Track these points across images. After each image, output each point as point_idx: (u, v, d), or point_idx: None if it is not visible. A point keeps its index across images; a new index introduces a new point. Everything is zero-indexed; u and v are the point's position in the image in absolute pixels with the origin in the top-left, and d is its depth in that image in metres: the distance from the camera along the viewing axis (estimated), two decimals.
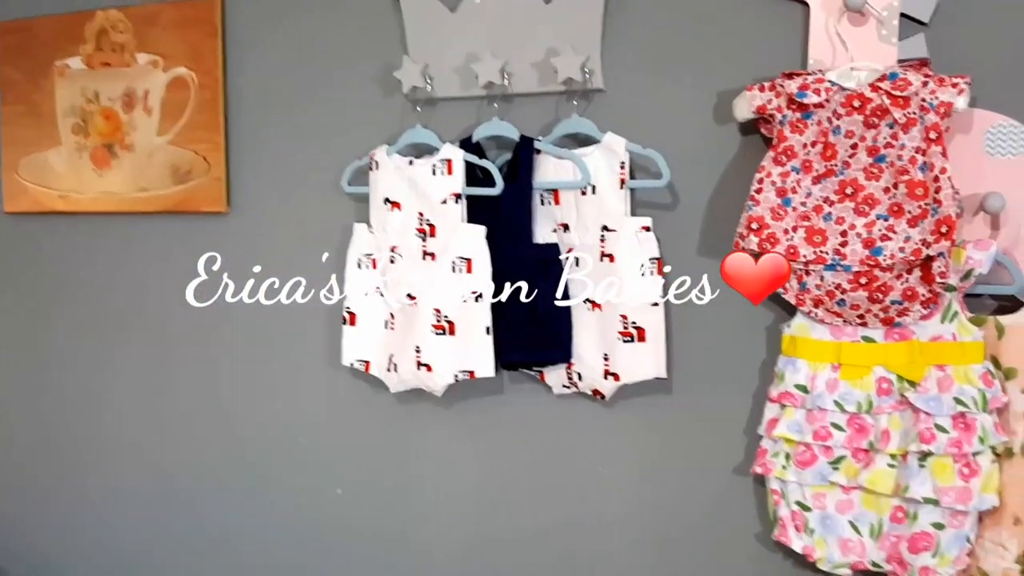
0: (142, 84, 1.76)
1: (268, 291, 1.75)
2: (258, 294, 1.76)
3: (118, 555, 1.94)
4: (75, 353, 1.93)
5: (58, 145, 1.85)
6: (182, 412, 1.86)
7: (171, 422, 1.87)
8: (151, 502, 1.90)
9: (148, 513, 1.90)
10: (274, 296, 1.75)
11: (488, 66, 1.49)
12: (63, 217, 1.89)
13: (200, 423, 1.84)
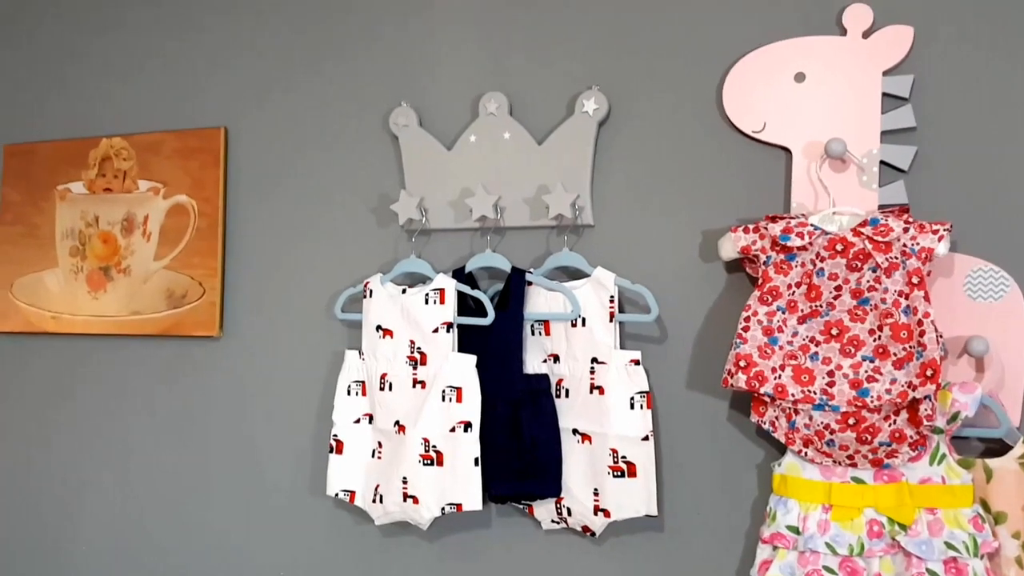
0: (142, 210, 1.80)
1: (255, 416, 1.74)
2: (245, 419, 1.75)
3: None
4: (60, 472, 1.89)
5: (54, 266, 1.87)
6: (163, 539, 1.80)
7: (150, 550, 1.81)
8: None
9: None
10: (260, 421, 1.73)
11: (482, 201, 1.53)
12: (54, 338, 1.89)
13: (180, 553, 1.79)
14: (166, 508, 1.80)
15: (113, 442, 1.85)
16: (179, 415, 1.79)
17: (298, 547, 1.70)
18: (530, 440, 1.47)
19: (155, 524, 1.81)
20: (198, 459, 1.78)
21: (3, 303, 1.91)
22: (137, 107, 1.84)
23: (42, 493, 1.90)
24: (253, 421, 1.74)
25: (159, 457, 1.81)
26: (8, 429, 1.93)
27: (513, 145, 1.56)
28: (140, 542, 1.82)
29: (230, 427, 1.76)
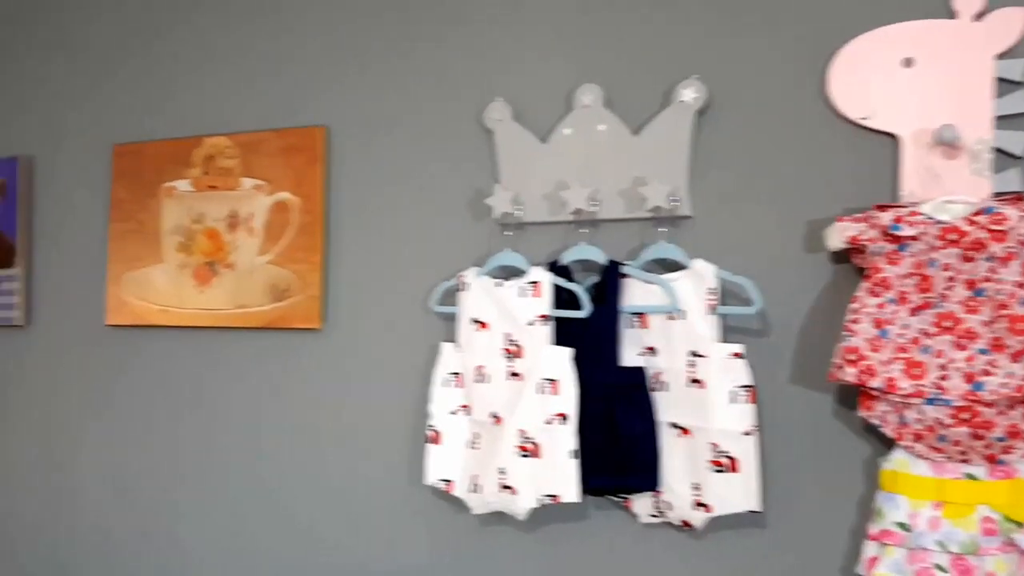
0: (246, 207, 1.86)
1: (355, 406, 1.78)
2: (345, 409, 1.79)
3: None
4: (163, 460, 1.97)
5: (161, 262, 1.95)
6: (261, 528, 1.87)
7: (249, 538, 1.88)
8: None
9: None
10: (360, 411, 1.78)
11: (577, 194, 1.54)
12: (161, 330, 1.97)
13: (279, 541, 1.85)
14: (266, 497, 1.86)
15: (215, 432, 1.92)
16: (282, 406, 1.85)
17: (396, 535, 1.74)
18: (628, 433, 1.47)
19: (255, 513, 1.87)
20: (299, 448, 1.83)
21: (113, 297, 2.00)
22: (240, 107, 1.91)
23: (143, 479, 1.98)
24: (353, 411, 1.79)
25: (261, 446, 1.87)
26: (116, 417, 2.02)
27: (608, 137, 1.55)
28: (239, 530, 1.88)
29: (330, 417, 1.80)
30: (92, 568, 2.04)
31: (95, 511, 2.04)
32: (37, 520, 2.11)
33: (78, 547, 2.05)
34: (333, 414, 1.80)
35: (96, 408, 2.05)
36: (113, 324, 2.01)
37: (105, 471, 2.03)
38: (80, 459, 2.06)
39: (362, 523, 1.77)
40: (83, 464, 2.06)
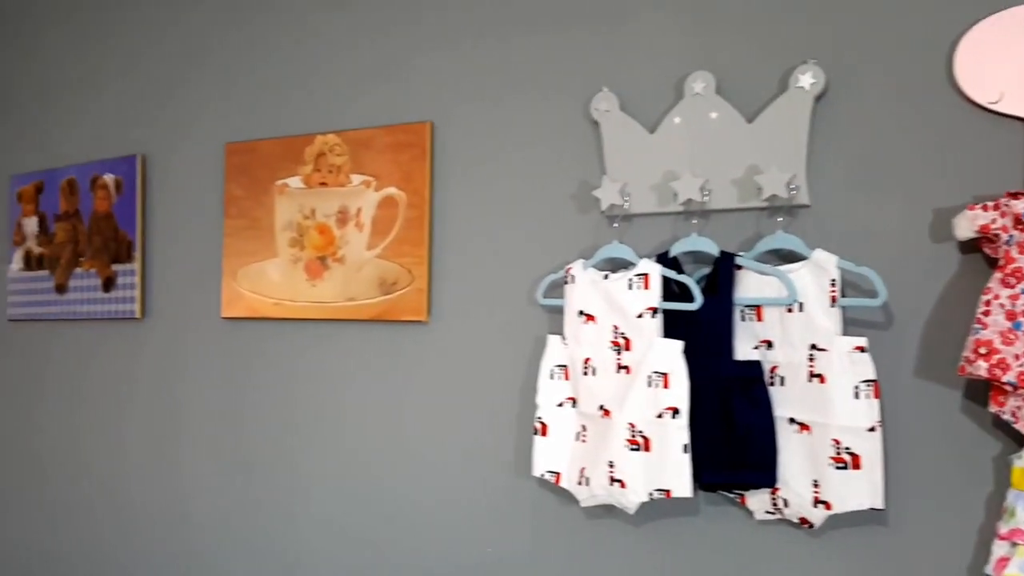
0: (355, 202, 1.90)
1: (461, 397, 1.80)
2: (452, 400, 1.81)
3: None
4: (275, 449, 2.03)
5: (275, 256, 2.01)
6: (371, 517, 1.90)
7: (359, 527, 1.92)
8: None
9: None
10: (466, 402, 1.79)
11: (688, 184, 1.52)
12: (275, 323, 2.04)
13: (388, 530, 1.88)
14: (375, 487, 1.90)
15: (327, 421, 1.97)
16: (389, 396, 1.89)
17: (503, 526, 1.75)
18: (743, 428, 1.44)
19: (364, 503, 1.91)
20: (405, 438, 1.86)
21: (229, 291, 2.07)
22: (350, 105, 1.95)
23: (258, 468, 2.05)
24: (458, 402, 1.81)
25: (369, 436, 1.91)
26: (231, 406, 2.09)
27: (721, 125, 1.52)
28: (349, 520, 1.93)
29: (436, 408, 1.83)
30: (208, 551, 2.12)
31: (211, 497, 2.12)
32: (153, 505, 2.21)
33: (194, 532, 2.14)
34: (439, 405, 1.83)
35: (211, 398, 2.13)
36: (229, 317, 2.08)
37: (220, 458, 2.11)
38: (195, 446, 2.15)
39: (468, 514, 1.79)
40: (198, 451, 2.14)
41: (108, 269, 2.27)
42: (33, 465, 2.47)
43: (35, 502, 2.46)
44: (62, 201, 2.39)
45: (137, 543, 2.24)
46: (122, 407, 2.28)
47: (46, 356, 2.45)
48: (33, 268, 2.46)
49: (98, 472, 2.32)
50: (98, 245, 2.30)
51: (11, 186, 2.53)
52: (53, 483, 2.42)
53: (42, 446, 2.45)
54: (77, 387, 2.38)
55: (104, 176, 2.29)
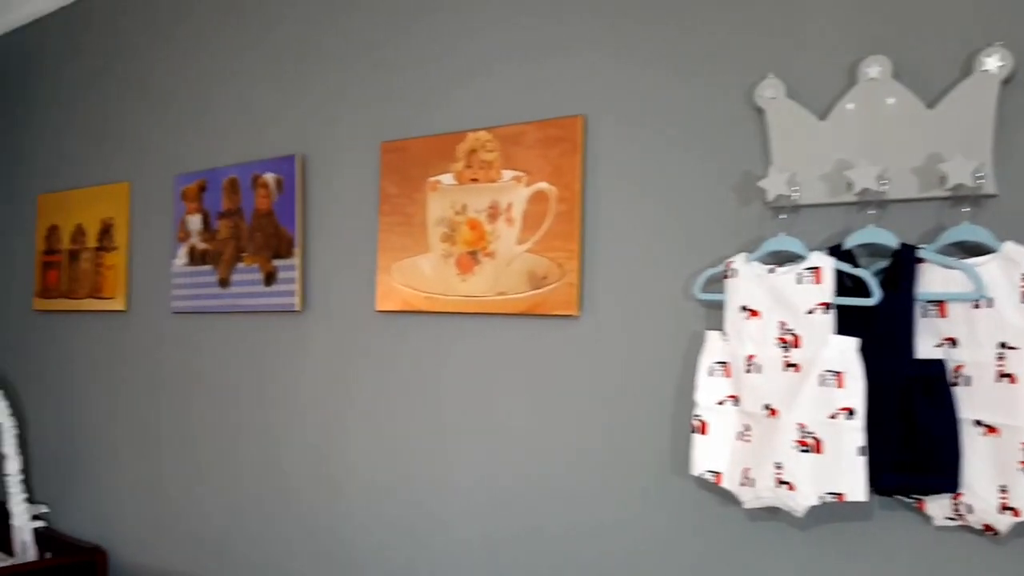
0: (506, 197, 1.92)
1: (614, 393, 1.78)
2: (605, 396, 1.80)
3: None
4: (424, 442, 2.08)
5: (427, 252, 2.05)
6: (528, 515, 1.92)
7: (513, 524, 1.93)
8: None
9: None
10: (620, 398, 1.78)
11: (864, 173, 1.44)
12: (428, 316, 2.08)
13: (544, 528, 1.89)
14: (524, 483, 1.91)
15: (477, 412, 1.99)
16: (540, 390, 1.89)
17: (658, 527, 1.72)
18: (925, 430, 1.36)
19: (512, 501, 1.92)
20: (557, 433, 1.86)
21: (384, 285, 2.13)
22: (500, 101, 1.96)
23: (414, 457, 2.10)
24: (611, 398, 1.79)
25: (519, 429, 1.92)
26: (386, 396, 2.15)
27: (898, 111, 1.44)
28: (503, 516, 1.94)
29: (588, 403, 1.82)
30: (365, 538, 2.19)
31: (366, 482, 2.19)
32: (310, 492, 2.30)
33: (349, 517, 2.22)
34: (591, 400, 1.82)
35: (367, 387, 2.19)
36: (383, 310, 2.14)
37: (376, 447, 2.17)
38: (351, 433, 2.22)
39: (621, 513, 1.77)
40: (354, 437, 2.22)
41: (269, 264, 2.38)
42: (195, 452, 2.61)
43: (194, 489, 2.60)
44: (224, 199, 2.51)
45: (295, 528, 2.34)
46: (284, 395, 2.38)
47: (210, 347, 2.59)
48: (197, 263, 2.60)
49: (259, 458, 2.44)
50: (259, 241, 2.40)
51: (175, 185, 2.68)
52: (216, 469, 2.56)
53: (203, 433, 2.59)
54: (239, 376, 2.50)
55: (264, 175, 2.40)
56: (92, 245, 2.99)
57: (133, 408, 2.83)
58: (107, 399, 2.93)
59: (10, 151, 3.44)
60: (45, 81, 3.27)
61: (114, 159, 2.94)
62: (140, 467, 2.80)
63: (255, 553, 2.44)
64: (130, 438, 2.84)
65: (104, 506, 2.92)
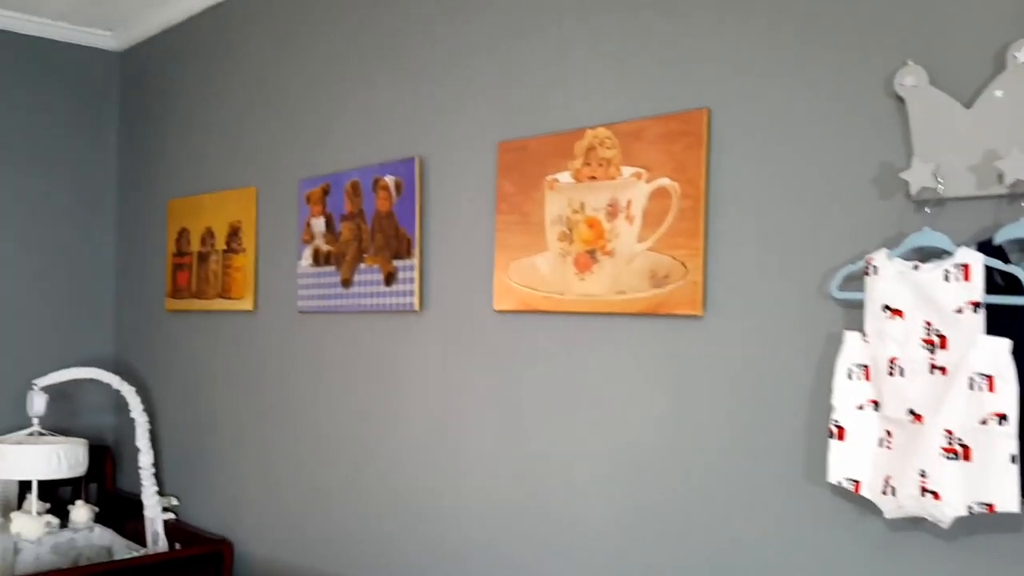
0: (625, 195, 1.89)
1: (742, 396, 1.73)
2: (732, 399, 1.74)
3: None
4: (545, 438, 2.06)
5: (544, 251, 2.04)
6: (653, 522, 1.88)
7: (631, 532, 1.90)
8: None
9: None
10: (748, 401, 1.72)
11: (1016, 163, 1.35)
12: (545, 316, 2.07)
13: (657, 536, 1.85)
14: (653, 490, 1.87)
15: (597, 413, 1.96)
16: (663, 391, 1.85)
17: (794, 537, 1.65)
18: None
19: (642, 505, 1.89)
20: (681, 437, 1.82)
21: (501, 284, 2.13)
22: (620, 97, 1.93)
23: (528, 455, 2.09)
24: (738, 401, 1.73)
25: (641, 433, 1.88)
26: (505, 397, 2.15)
27: None
28: (620, 525, 1.91)
29: (716, 406, 1.77)
30: (481, 539, 2.20)
31: (485, 480, 2.19)
32: (429, 489, 2.32)
33: (469, 516, 2.23)
34: (717, 403, 1.76)
35: (485, 386, 2.20)
36: (501, 309, 2.14)
37: (493, 448, 2.18)
38: (469, 431, 2.23)
39: (753, 523, 1.71)
40: (473, 436, 2.23)
41: (389, 264, 2.42)
42: (319, 448, 2.69)
43: (317, 484, 2.67)
44: (347, 202, 2.58)
45: (414, 525, 2.37)
46: (403, 393, 2.42)
47: (333, 346, 2.66)
48: (321, 264, 2.67)
49: (379, 455, 2.48)
50: (380, 242, 2.45)
51: (300, 189, 2.77)
52: (338, 465, 2.62)
53: (327, 430, 2.66)
54: (361, 375, 2.56)
55: (385, 178, 2.44)
56: (220, 247, 3.12)
57: (259, 405, 2.93)
58: (234, 396, 3.05)
59: (143, 158, 3.63)
60: (175, 89, 3.44)
61: (241, 164, 3.07)
62: (266, 462, 2.90)
63: (373, 550, 2.49)
64: (256, 434, 2.94)
65: (231, 500, 3.04)
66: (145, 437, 3.19)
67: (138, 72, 3.70)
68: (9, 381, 3.47)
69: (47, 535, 3.08)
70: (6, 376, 3.48)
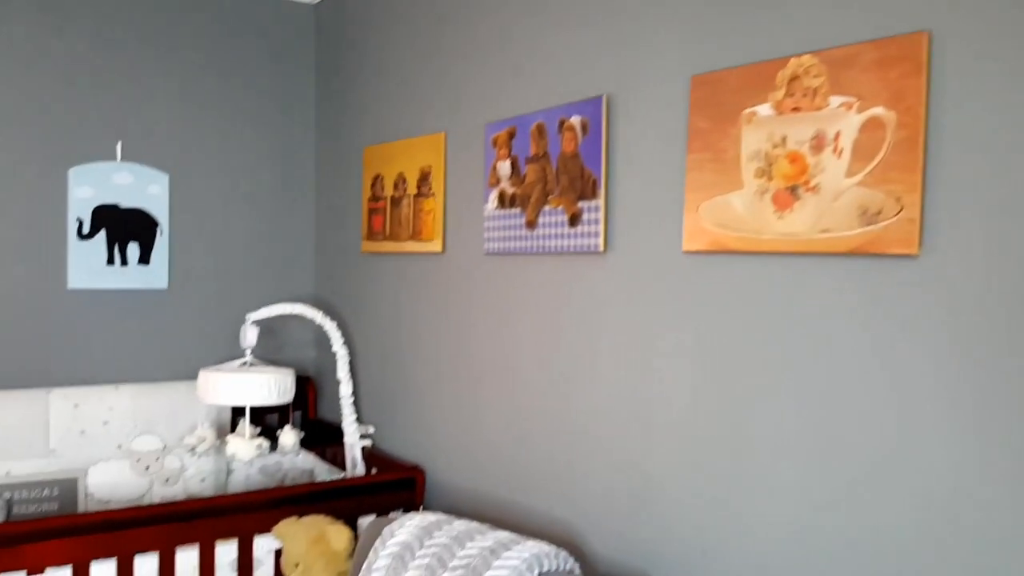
0: (833, 126, 1.77)
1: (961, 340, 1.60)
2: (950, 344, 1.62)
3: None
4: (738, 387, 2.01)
5: (739, 188, 1.96)
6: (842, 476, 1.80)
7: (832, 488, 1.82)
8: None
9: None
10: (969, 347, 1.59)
11: None
12: (738, 256, 2.00)
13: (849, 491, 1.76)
14: (852, 445, 1.78)
15: (799, 365, 1.88)
16: (872, 337, 1.74)
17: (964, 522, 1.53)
18: None
19: (840, 462, 1.80)
20: (887, 384, 1.71)
21: (691, 224, 2.08)
22: (826, 21, 1.80)
23: (709, 410, 2.04)
24: (961, 347, 1.60)
25: (846, 383, 1.79)
26: (691, 340, 2.11)
27: None
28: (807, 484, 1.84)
29: (931, 352, 1.64)
30: (669, 477, 2.18)
31: (670, 431, 2.17)
32: (611, 434, 2.33)
33: (654, 455, 2.22)
34: (932, 349, 1.64)
35: (671, 331, 2.17)
36: (690, 250, 2.09)
37: (680, 392, 2.15)
38: (656, 379, 2.21)
39: (1000, 511, 1.59)
40: (658, 383, 2.20)
41: (574, 206, 2.42)
42: (503, 384, 2.75)
43: (502, 418, 2.75)
44: (532, 144, 2.58)
45: (603, 461, 2.39)
46: (586, 335, 2.43)
47: (518, 287, 2.70)
48: (506, 206, 2.71)
49: (566, 392, 2.52)
50: (565, 184, 2.45)
51: (486, 133, 2.80)
52: (521, 402, 2.68)
53: (512, 367, 2.72)
54: (544, 316, 2.59)
55: (571, 118, 2.43)
56: (412, 192, 3.24)
57: (449, 341, 3.04)
58: (425, 333, 3.18)
59: (339, 107, 3.81)
60: (367, 39, 3.56)
61: (431, 111, 3.15)
62: (454, 396, 3.01)
63: (560, 482, 2.54)
64: (445, 369, 3.06)
65: (422, 430, 3.20)
66: (345, 369, 3.40)
67: (331, 23, 3.87)
68: (224, 317, 3.80)
69: (257, 457, 3.37)
70: (221, 312, 3.81)
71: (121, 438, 3.42)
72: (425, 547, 2.24)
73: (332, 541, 2.61)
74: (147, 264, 3.59)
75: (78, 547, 2.44)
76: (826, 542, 1.82)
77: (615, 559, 2.32)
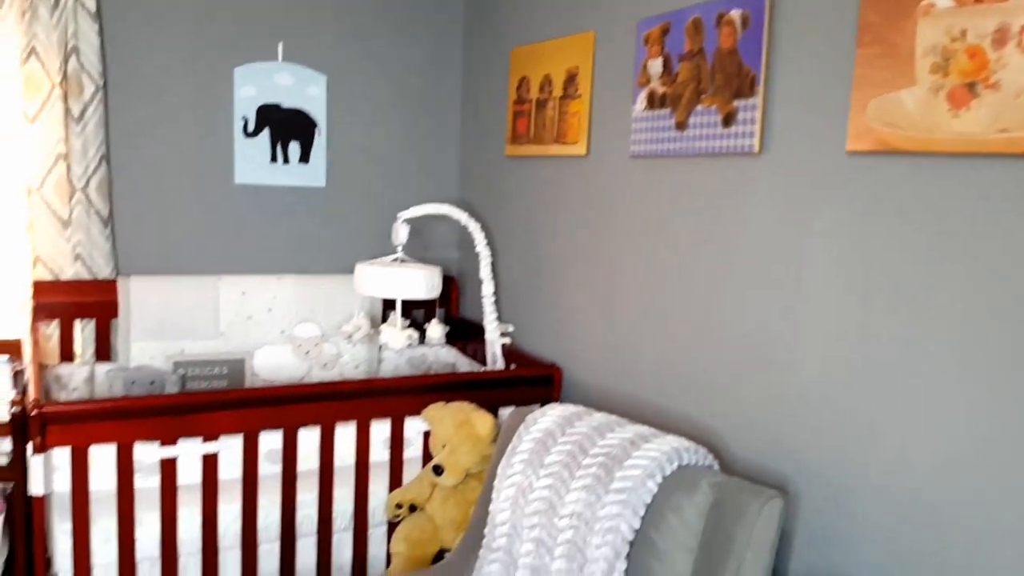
0: (1018, 19, 1.65)
1: None
2: None
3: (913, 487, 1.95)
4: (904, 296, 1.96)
5: (912, 85, 1.87)
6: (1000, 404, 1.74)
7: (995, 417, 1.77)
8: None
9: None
10: None
11: None
12: (907, 156, 1.92)
13: None
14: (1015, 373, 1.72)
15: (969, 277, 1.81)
16: None
17: None
18: None
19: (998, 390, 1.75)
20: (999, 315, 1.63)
21: (856, 123, 2.00)
22: None
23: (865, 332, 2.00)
24: None
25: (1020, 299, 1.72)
26: (849, 244, 2.06)
27: None
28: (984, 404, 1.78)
29: None
30: (816, 389, 2.17)
31: (826, 337, 2.15)
32: (763, 332, 2.32)
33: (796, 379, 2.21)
34: None
35: (830, 238, 2.12)
36: (854, 151, 2.02)
37: (832, 306, 2.11)
38: (809, 291, 2.18)
39: None
40: (811, 296, 2.17)
41: (729, 105, 2.37)
42: (642, 287, 2.78)
43: (640, 320, 2.78)
44: (687, 41, 2.53)
45: (748, 367, 2.40)
46: (736, 241, 2.41)
47: (663, 190, 2.69)
48: (655, 107, 2.68)
49: (712, 299, 2.52)
50: (720, 82, 2.40)
51: (639, 30, 2.75)
52: (660, 305, 2.70)
53: (652, 271, 2.74)
54: (691, 220, 2.58)
55: (730, 12, 2.35)
56: (558, 94, 3.24)
57: (590, 245, 3.08)
58: (567, 236, 3.23)
59: (489, 8, 3.81)
60: None
61: (581, 9, 3.11)
62: (593, 298, 3.07)
63: (695, 388, 2.57)
64: (585, 272, 3.11)
65: (560, 330, 3.28)
66: (488, 269, 3.51)
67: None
68: (376, 215, 3.98)
69: (407, 347, 3.56)
70: (373, 210, 3.98)
71: (284, 324, 3.68)
72: (567, 435, 2.34)
73: (477, 426, 2.76)
74: (307, 163, 3.77)
75: (249, 417, 2.69)
76: (988, 482, 1.78)
77: (753, 461, 2.35)
